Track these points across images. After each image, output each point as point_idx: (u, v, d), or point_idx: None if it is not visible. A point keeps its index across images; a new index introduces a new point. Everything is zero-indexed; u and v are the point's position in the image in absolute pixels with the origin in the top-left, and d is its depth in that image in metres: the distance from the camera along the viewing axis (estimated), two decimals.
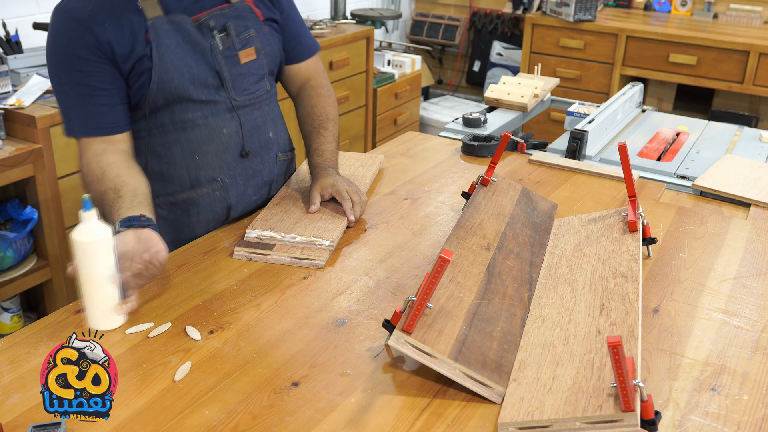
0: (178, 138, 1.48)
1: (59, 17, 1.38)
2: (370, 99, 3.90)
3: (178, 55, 1.42)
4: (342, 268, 1.38)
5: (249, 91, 1.53)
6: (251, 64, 1.53)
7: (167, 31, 1.41)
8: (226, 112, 1.50)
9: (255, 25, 1.54)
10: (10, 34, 2.56)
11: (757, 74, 3.81)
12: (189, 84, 1.43)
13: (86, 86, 1.38)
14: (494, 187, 1.54)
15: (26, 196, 2.32)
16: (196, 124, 1.47)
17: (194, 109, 1.47)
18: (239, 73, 1.51)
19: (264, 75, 1.57)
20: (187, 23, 1.44)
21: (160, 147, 1.48)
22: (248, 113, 1.54)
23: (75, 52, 1.36)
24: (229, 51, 1.49)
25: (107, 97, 1.39)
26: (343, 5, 4.09)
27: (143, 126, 1.47)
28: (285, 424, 0.98)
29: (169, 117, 1.46)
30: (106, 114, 1.40)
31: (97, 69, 1.37)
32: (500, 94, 2.38)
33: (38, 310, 2.52)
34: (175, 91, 1.43)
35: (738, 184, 1.74)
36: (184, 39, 1.43)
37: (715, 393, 1.04)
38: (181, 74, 1.42)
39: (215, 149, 1.51)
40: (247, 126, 1.54)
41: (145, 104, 1.43)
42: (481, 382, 1.02)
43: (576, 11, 4.15)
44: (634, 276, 1.19)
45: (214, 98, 1.48)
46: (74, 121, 1.40)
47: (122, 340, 1.15)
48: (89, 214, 1.12)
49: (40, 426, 0.95)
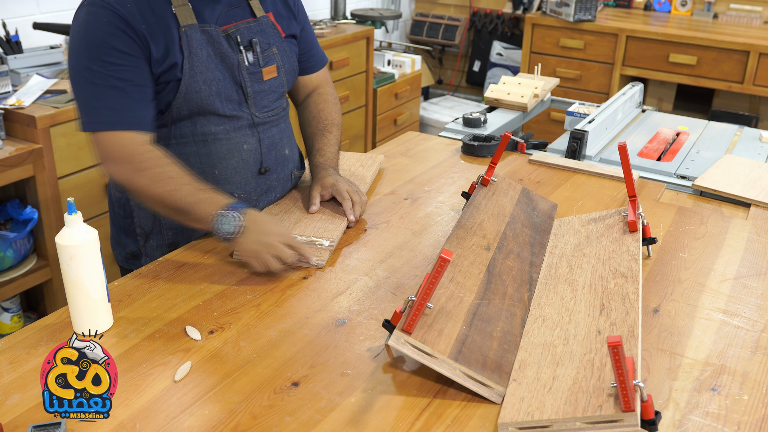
0: (198, 151, 1.46)
1: (96, 8, 1.32)
2: (370, 99, 3.90)
3: (208, 67, 1.40)
4: (342, 268, 1.38)
5: (268, 108, 1.53)
6: (272, 82, 1.53)
7: (200, 41, 1.39)
8: (248, 128, 1.49)
9: (277, 42, 1.54)
10: (10, 34, 2.56)
11: (757, 74, 3.81)
12: (215, 97, 1.42)
13: (123, 80, 1.33)
14: (494, 187, 1.54)
15: (26, 196, 2.32)
16: (217, 138, 1.46)
17: (217, 123, 1.45)
18: (261, 90, 1.50)
19: (283, 93, 1.58)
20: (219, 35, 1.42)
21: (178, 157, 1.44)
22: (267, 130, 1.54)
23: (113, 45, 1.31)
24: (253, 67, 1.48)
25: (144, 93, 1.35)
26: (343, 5, 4.09)
27: (163, 134, 1.44)
28: (285, 424, 0.98)
29: (191, 128, 1.44)
30: (143, 109, 1.35)
31: (136, 64, 1.34)
32: (500, 94, 2.38)
33: (38, 310, 2.52)
34: (201, 103, 1.41)
35: (738, 184, 1.74)
36: (215, 51, 1.42)
37: (715, 393, 1.04)
38: (209, 87, 1.40)
39: (235, 164, 1.49)
40: (266, 143, 1.53)
41: (167, 112, 1.41)
42: (481, 382, 1.02)
43: (576, 11, 4.15)
44: (634, 276, 1.19)
45: (237, 113, 1.47)
46: (102, 113, 1.33)
47: (122, 340, 1.15)
48: (74, 217, 1.11)
49: (40, 426, 0.95)
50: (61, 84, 2.43)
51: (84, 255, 1.12)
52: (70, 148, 2.32)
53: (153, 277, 1.34)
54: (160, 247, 1.54)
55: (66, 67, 2.59)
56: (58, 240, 1.11)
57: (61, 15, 2.85)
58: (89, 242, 1.12)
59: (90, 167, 2.39)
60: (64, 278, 1.14)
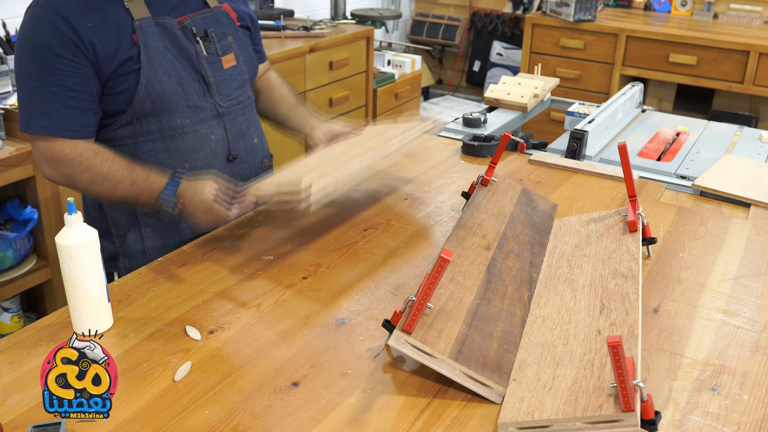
0: (166, 146, 1.46)
1: (39, 9, 1.32)
2: (370, 99, 3.90)
3: (166, 58, 1.40)
4: (342, 268, 1.38)
5: (232, 97, 1.54)
6: (233, 70, 1.54)
7: (155, 33, 1.39)
8: (213, 119, 1.50)
9: (232, 32, 1.55)
10: (10, 34, 2.56)
11: (757, 74, 3.81)
12: (177, 87, 1.42)
13: (59, 86, 1.32)
14: (494, 187, 1.54)
15: (26, 196, 2.32)
16: (185, 131, 1.46)
17: (183, 116, 1.45)
18: (223, 78, 1.51)
19: (245, 81, 1.58)
20: (174, 26, 1.43)
21: (146, 155, 1.45)
22: (233, 119, 1.54)
23: (53, 49, 1.31)
24: (212, 56, 1.49)
25: (79, 100, 1.34)
26: (343, 5, 4.09)
27: (129, 133, 1.43)
28: (285, 424, 0.98)
29: (157, 124, 1.43)
30: (76, 116, 1.35)
31: (75, 69, 1.32)
32: (500, 94, 2.38)
33: (38, 310, 2.52)
34: (164, 94, 1.40)
35: (738, 184, 1.74)
36: (172, 42, 1.42)
37: (715, 393, 1.04)
38: (170, 77, 1.41)
39: (204, 156, 1.50)
40: (232, 131, 1.54)
41: (130, 109, 1.40)
42: (481, 382, 1.02)
43: (576, 11, 4.15)
44: (634, 276, 1.19)
45: (202, 104, 1.47)
46: (36, 117, 1.34)
47: (122, 340, 1.15)
48: (74, 217, 1.11)
49: (40, 426, 0.95)
50: None
51: (84, 255, 1.12)
52: None
53: (153, 277, 1.34)
54: (139, 247, 1.53)
55: None
56: (58, 240, 1.11)
57: None
58: (89, 242, 1.12)
59: None
60: (64, 278, 1.14)
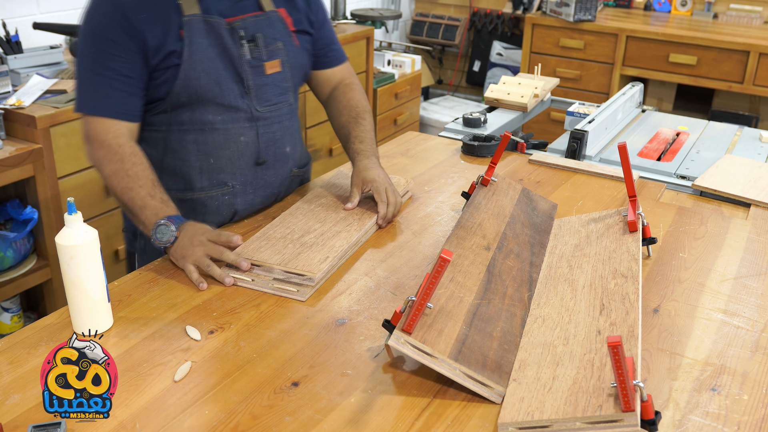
0: (196, 138, 1.48)
1: None
2: (370, 99, 3.90)
3: (208, 56, 1.43)
4: (342, 268, 1.38)
5: (271, 102, 1.53)
6: (276, 76, 1.53)
7: (201, 30, 1.42)
8: (246, 121, 1.51)
9: (284, 37, 1.54)
10: (10, 34, 2.56)
11: (757, 74, 3.81)
12: (214, 86, 1.44)
13: (110, 69, 1.38)
14: (494, 187, 1.54)
15: (26, 196, 2.32)
16: (215, 127, 1.48)
17: (215, 113, 1.47)
18: (264, 83, 1.51)
19: (288, 88, 1.57)
20: (222, 26, 1.44)
21: (177, 144, 1.49)
22: (268, 125, 1.54)
23: (106, 33, 1.37)
24: (255, 61, 1.49)
25: (127, 83, 1.40)
26: (343, 5, 4.09)
27: (163, 120, 1.47)
28: (285, 424, 0.98)
29: (189, 116, 1.46)
30: (121, 99, 1.40)
31: (125, 55, 1.38)
32: (500, 94, 2.38)
33: (38, 310, 2.52)
34: (200, 90, 1.43)
35: (738, 184, 1.74)
36: (216, 41, 1.44)
37: (715, 393, 1.04)
38: (208, 75, 1.43)
39: (230, 155, 1.51)
40: (264, 138, 1.54)
41: (167, 99, 1.44)
42: (481, 382, 1.02)
43: (576, 11, 4.15)
44: (634, 276, 1.19)
45: (237, 104, 1.48)
46: (86, 96, 1.41)
47: (122, 340, 1.15)
48: (74, 217, 1.11)
49: (40, 426, 0.95)
50: (61, 84, 2.43)
51: (84, 255, 1.12)
52: (70, 148, 2.32)
53: (153, 277, 1.34)
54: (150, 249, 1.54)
55: (66, 68, 2.60)
56: (58, 240, 1.11)
57: (61, 15, 2.85)
58: (89, 242, 1.12)
59: (90, 167, 2.39)
60: (64, 278, 1.14)
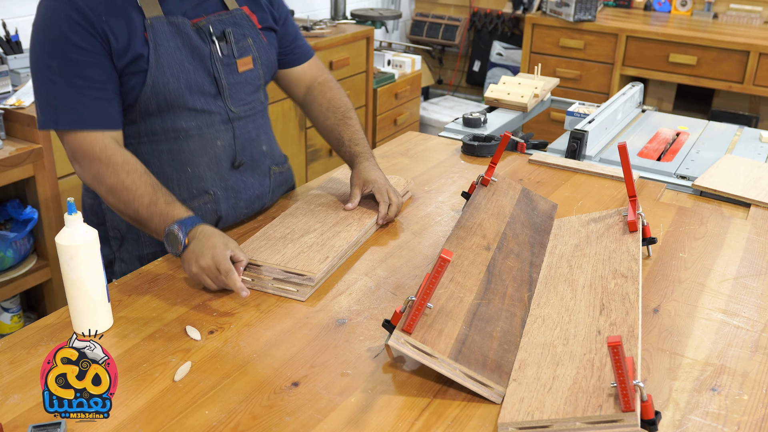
0: (170, 148, 1.42)
1: (54, 2, 1.30)
2: (370, 99, 3.90)
3: (176, 59, 1.37)
4: (342, 268, 1.38)
5: (245, 102, 1.49)
6: (248, 74, 1.49)
7: (167, 32, 1.36)
8: (221, 123, 1.46)
9: (252, 34, 1.50)
10: (10, 34, 2.56)
11: (757, 74, 3.81)
12: (185, 90, 1.38)
13: (82, 77, 1.30)
14: (494, 187, 1.54)
15: (26, 196, 2.32)
16: (189, 134, 1.42)
17: (188, 119, 1.41)
18: (237, 82, 1.47)
19: (260, 86, 1.54)
20: (188, 26, 1.39)
21: (150, 156, 1.42)
22: (243, 125, 1.50)
23: (72, 41, 1.29)
24: (227, 59, 1.44)
25: (103, 90, 1.32)
26: (343, 5, 4.09)
27: (133, 131, 1.41)
28: (285, 424, 0.98)
29: (161, 125, 1.40)
30: (103, 107, 1.33)
31: (96, 60, 1.31)
32: (500, 94, 2.38)
33: (38, 310, 2.52)
34: (170, 96, 1.37)
35: (738, 184, 1.74)
36: (184, 42, 1.38)
37: (715, 393, 1.04)
38: (178, 79, 1.37)
39: (208, 161, 1.46)
40: (241, 138, 1.49)
41: (135, 108, 1.37)
42: (481, 382, 1.02)
43: (576, 11, 4.15)
44: (634, 276, 1.19)
45: (210, 108, 1.43)
46: (62, 112, 1.31)
47: (122, 340, 1.15)
48: (74, 217, 1.11)
49: (40, 426, 0.95)
50: None
51: (84, 255, 1.12)
52: None
53: (153, 277, 1.34)
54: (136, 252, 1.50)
55: None
56: (58, 240, 1.11)
57: None
58: (89, 242, 1.12)
59: None
60: (64, 278, 1.14)
